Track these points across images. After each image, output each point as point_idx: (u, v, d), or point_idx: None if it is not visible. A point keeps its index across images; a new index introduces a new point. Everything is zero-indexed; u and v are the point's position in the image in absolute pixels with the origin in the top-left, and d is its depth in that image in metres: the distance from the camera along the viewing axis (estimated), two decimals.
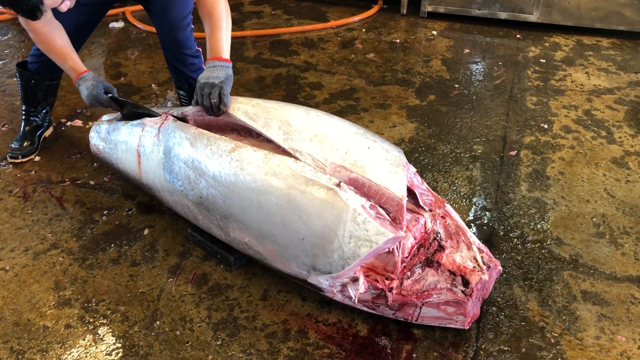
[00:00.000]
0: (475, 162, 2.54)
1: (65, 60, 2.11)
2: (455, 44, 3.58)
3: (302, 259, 1.61)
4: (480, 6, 3.77)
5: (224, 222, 1.75)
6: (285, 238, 1.61)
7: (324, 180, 1.57)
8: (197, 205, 1.81)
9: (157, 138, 1.90)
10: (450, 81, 3.18)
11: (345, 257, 1.52)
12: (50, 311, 1.84)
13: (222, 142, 1.73)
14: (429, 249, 1.68)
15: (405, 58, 3.42)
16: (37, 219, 2.20)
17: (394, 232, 1.51)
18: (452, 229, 1.73)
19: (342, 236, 1.51)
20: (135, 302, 1.87)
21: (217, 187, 1.71)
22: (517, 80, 3.18)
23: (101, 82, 2.13)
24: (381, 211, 1.56)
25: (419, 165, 2.50)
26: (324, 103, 2.95)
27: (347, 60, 3.37)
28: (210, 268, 1.99)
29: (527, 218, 2.22)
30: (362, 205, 1.53)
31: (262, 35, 3.65)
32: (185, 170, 1.79)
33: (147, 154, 1.94)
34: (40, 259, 2.03)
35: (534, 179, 2.43)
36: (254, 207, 1.63)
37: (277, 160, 1.64)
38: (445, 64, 3.35)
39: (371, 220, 1.50)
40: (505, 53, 3.48)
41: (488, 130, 2.75)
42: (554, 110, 2.90)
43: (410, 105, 2.95)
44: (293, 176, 1.59)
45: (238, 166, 1.67)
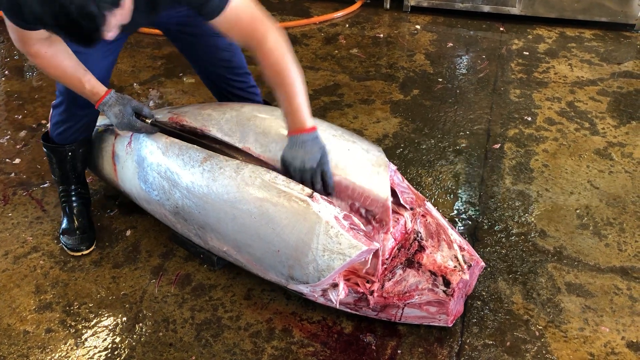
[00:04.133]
0: (459, 156, 2.53)
1: (82, 84, 1.74)
2: (438, 38, 3.58)
3: (279, 269, 1.61)
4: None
5: (202, 231, 1.74)
6: (260, 249, 1.60)
7: (296, 192, 1.55)
8: (174, 214, 1.79)
9: (130, 147, 1.87)
10: (434, 75, 3.17)
11: (320, 269, 1.52)
12: (31, 315, 1.81)
13: (194, 152, 1.71)
14: (409, 250, 1.67)
15: (389, 53, 3.41)
16: (18, 222, 2.17)
17: (367, 245, 1.50)
18: (433, 227, 1.72)
19: (315, 249, 1.50)
20: (118, 305, 1.85)
21: (191, 198, 1.69)
22: (500, 73, 3.18)
23: (129, 104, 1.78)
24: (356, 220, 1.55)
25: (403, 161, 2.50)
26: None
27: (331, 56, 3.36)
28: (194, 268, 1.97)
29: (511, 211, 2.22)
30: (335, 217, 1.51)
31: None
32: (159, 180, 1.76)
33: (121, 163, 1.91)
34: (21, 263, 2.00)
35: (518, 172, 2.43)
36: (229, 219, 1.61)
37: (248, 171, 1.61)
38: (429, 58, 3.34)
39: (344, 233, 1.49)
40: (488, 46, 3.48)
41: (472, 124, 2.75)
42: (538, 103, 2.90)
43: (394, 100, 2.94)
44: (265, 187, 1.57)
45: (210, 177, 1.64)
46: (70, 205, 2.09)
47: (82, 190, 2.13)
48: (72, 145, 2.02)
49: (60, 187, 2.11)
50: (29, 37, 1.62)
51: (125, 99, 1.79)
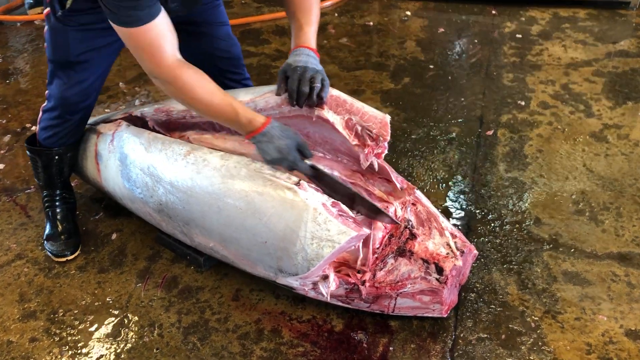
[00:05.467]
0: (452, 144, 2.48)
1: (234, 111, 1.51)
2: (429, 24, 3.51)
3: (267, 261, 1.56)
4: None
5: (187, 228, 1.69)
6: (247, 241, 1.55)
7: (283, 180, 1.50)
8: (159, 212, 1.74)
9: (112, 145, 1.83)
10: (425, 62, 3.11)
11: (309, 258, 1.47)
12: (15, 325, 1.77)
13: (177, 146, 1.66)
14: (400, 238, 1.63)
15: (379, 41, 3.35)
16: (1, 229, 2.13)
17: (357, 231, 1.45)
18: (424, 215, 1.67)
19: (303, 237, 1.45)
20: (103, 311, 1.81)
21: (175, 193, 1.64)
22: (493, 58, 3.11)
23: (294, 140, 1.53)
24: (344, 208, 1.50)
25: (394, 152, 2.44)
26: None
27: (320, 47, 3.29)
28: (181, 270, 1.93)
29: (505, 199, 2.17)
30: (323, 204, 1.46)
31: (232, 25, 3.55)
32: (142, 177, 1.72)
33: (104, 162, 1.87)
34: (5, 271, 1.96)
35: (512, 159, 2.37)
36: (214, 212, 1.57)
37: (233, 162, 1.57)
38: (420, 45, 3.28)
39: (332, 220, 1.44)
40: (480, 30, 3.41)
41: (464, 111, 2.69)
42: (531, 86, 2.84)
43: (385, 90, 2.88)
44: (250, 177, 1.52)
45: (194, 170, 1.60)
46: (54, 211, 2.05)
47: (66, 194, 2.08)
48: (59, 149, 1.97)
49: (45, 192, 2.07)
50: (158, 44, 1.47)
51: (291, 132, 1.55)
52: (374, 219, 1.60)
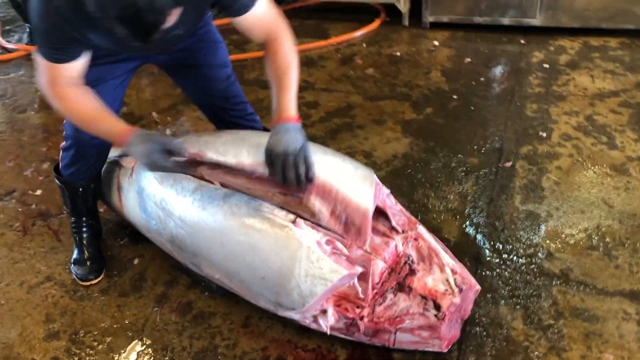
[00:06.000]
0: (469, 175, 2.50)
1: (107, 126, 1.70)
2: (456, 54, 3.54)
3: (267, 295, 1.63)
4: (482, 13, 3.71)
5: (196, 259, 1.78)
6: (248, 276, 1.63)
7: (279, 218, 1.57)
8: (171, 243, 1.84)
9: (131, 178, 1.94)
10: (449, 92, 3.14)
11: (303, 295, 1.53)
12: (39, 344, 1.89)
13: (186, 182, 1.76)
14: (400, 273, 1.66)
15: (404, 71, 3.40)
16: (34, 252, 2.27)
17: (349, 269, 1.50)
18: (425, 250, 1.70)
19: (298, 275, 1.51)
20: (121, 333, 1.91)
21: (184, 227, 1.74)
22: (518, 88, 3.12)
23: (155, 143, 1.66)
24: (339, 245, 1.55)
25: (411, 182, 2.48)
26: (319, 122, 2.96)
27: (346, 77, 3.38)
28: (195, 296, 2.01)
29: (519, 232, 2.17)
30: (317, 242, 1.53)
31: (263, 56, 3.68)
32: (156, 210, 1.82)
33: (125, 194, 1.99)
34: (34, 292, 2.09)
35: (529, 191, 2.37)
36: (218, 246, 1.66)
37: (235, 199, 1.65)
38: (445, 75, 3.31)
39: (325, 258, 1.50)
40: (507, 60, 3.42)
41: (484, 142, 2.70)
42: (554, 117, 2.83)
43: (406, 120, 2.93)
44: (250, 215, 1.60)
45: (200, 206, 1.69)
46: (81, 236, 2.17)
47: (92, 221, 2.20)
48: (83, 182, 2.09)
49: (72, 219, 2.20)
50: (60, 74, 1.65)
51: (155, 137, 1.69)
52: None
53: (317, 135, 2.84)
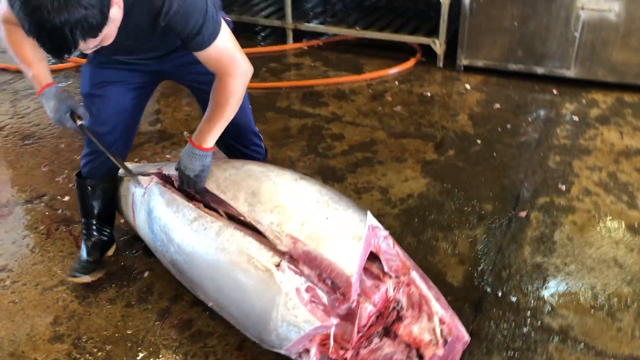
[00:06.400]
0: (482, 221, 2.50)
1: (31, 68, 1.90)
2: (486, 99, 3.56)
3: (251, 332, 1.70)
4: (517, 60, 3.73)
5: (192, 285, 1.86)
6: (235, 311, 1.71)
7: (265, 260, 1.62)
8: (172, 265, 1.93)
9: (144, 197, 2.03)
10: (474, 136, 3.15)
11: (280, 338, 1.58)
12: (44, 345, 1.98)
13: (188, 210, 1.83)
14: (387, 318, 1.68)
15: (432, 111, 3.44)
16: (53, 255, 2.38)
17: (322, 321, 1.53)
18: (416, 297, 1.71)
19: (276, 318, 1.56)
20: (121, 343, 1.98)
21: (181, 254, 1.81)
22: (544, 138, 3.11)
23: (64, 102, 1.90)
24: (319, 293, 1.59)
25: (423, 222, 2.50)
26: (342, 155, 3.02)
27: (374, 113, 3.43)
28: (197, 314, 2.07)
29: (524, 284, 2.15)
30: (296, 289, 1.56)
31: (296, 86, 3.79)
32: (160, 233, 1.91)
33: (137, 211, 2.07)
34: (47, 294, 2.19)
35: (540, 243, 2.35)
36: (208, 278, 1.73)
37: (227, 234, 1.70)
38: (472, 119, 3.33)
39: (301, 307, 1.54)
40: (537, 109, 3.42)
41: (502, 189, 2.70)
42: (577, 171, 2.81)
43: (427, 160, 2.95)
44: (239, 252, 1.65)
45: (196, 237, 1.76)
46: (87, 237, 2.28)
47: (100, 226, 2.29)
48: (92, 180, 2.22)
49: (83, 219, 2.31)
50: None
51: (63, 95, 1.91)
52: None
53: (337, 168, 2.90)
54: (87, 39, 1.43)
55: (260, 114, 3.44)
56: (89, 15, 1.38)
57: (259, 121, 3.36)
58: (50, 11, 1.34)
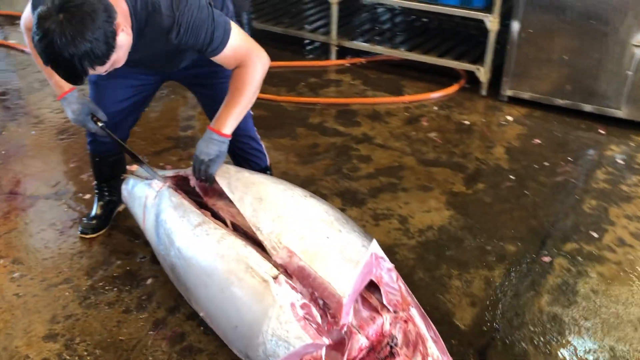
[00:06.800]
0: (501, 262, 2.37)
1: (52, 75, 2.04)
2: (527, 133, 3.41)
3: (237, 345, 1.63)
4: (564, 96, 3.56)
5: (187, 293, 1.82)
6: (223, 322, 1.64)
7: (262, 271, 1.56)
8: (172, 271, 1.89)
9: (154, 201, 2.02)
10: (507, 171, 3.02)
11: (267, 354, 1.51)
12: (37, 342, 1.98)
13: (193, 216, 1.80)
14: (379, 353, 1.60)
15: (467, 141, 3.32)
16: (64, 252, 2.40)
17: (313, 339, 1.46)
18: (412, 335, 1.62)
19: (266, 332, 1.50)
20: (111, 349, 1.96)
21: (180, 259, 1.78)
22: (582, 180, 2.94)
23: (87, 106, 2.09)
24: (314, 312, 1.52)
25: (439, 257, 2.39)
26: (366, 177, 2.94)
27: (406, 137, 3.34)
28: (191, 328, 2.03)
29: (535, 335, 2.02)
30: (291, 303, 1.50)
31: (332, 103, 3.74)
32: (164, 237, 1.88)
33: (147, 214, 2.07)
34: (50, 291, 2.20)
35: (559, 293, 2.21)
36: (202, 285, 1.68)
37: (229, 242, 1.67)
38: (508, 153, 3.19)
39: (293, 322, 1.47)
40: (579, 148, 3.24)
41: (528, 231, 2.56)
42: (612, 218, 2.64)
43: (454, 192, 2.84)
44: (237, 261, 1.61)
45: (197, 242, 1.73)
46: (98, 198, 2.52)
47: (107, 191, 2.51)
48: (98, 156, 2.44)
49: (95, 182, 2.55)
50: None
51: (85, 101, 2.09)
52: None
53: (359, 191, 2.82)
54: (95, 67, 1.60)
55: (291, 129, 3.41)
56: (94, 48, 1.55)
57: (288, 136, 3.35)
58: (60, 46, 1.51)
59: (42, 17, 1.53)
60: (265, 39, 4.84)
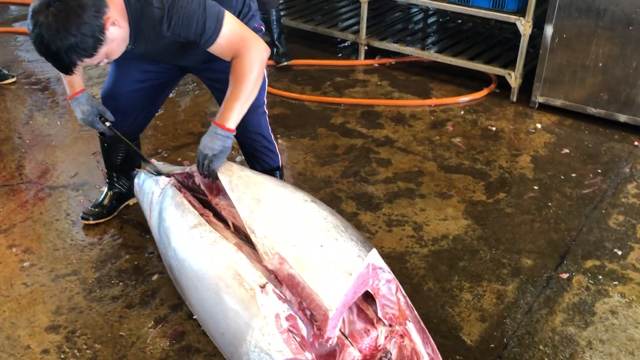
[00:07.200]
0: (516, 277, 2.28)
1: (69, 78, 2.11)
2: (556, 142, 3.28)
3: (224, 352, 1.62)
4: (598, 105, 3.41)
5: (182, 293, 1.80)
6: (212, 327, 1.63)
7: (251, 279, 1.53)
8: (170, 270, 1.88)
9: (159, 198, 2.00)
10: (531, 181, 2.91)
11: None
12: (39, 333, 2.00)
13: (190, 217, 1.78)
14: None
15: (492, 148, 3.21)
16: (74, 244, 2.42)
17: (294, 354, 1.41)
18: (407, 351, 1.57)
19: (249, 342, 1.46)
20: (110, 344, 1.96)
21: (176, 260, 1.76)
22: (610, 194, 2.81)
23: (95, 107, 2.16)
24: (300, 324, 1.47)
25: (451, 268, 2.31)
26: (383, 182, 2.87)
27: (429, 141, 3.26)
28: (191, 327, 2.01)
29: (546, 356, 1.93)
30: (276, 315, 1.46)
31: (356, 104, 3.68)
32: (164, 235, 1.87)
33: (153, 210, 2.06)
34: (57, 282, 2.22)
35: (576, 312, 2.11)
36: (193, 289, 1.66)
37: (221, 247, 1.64)
38: (534, 162, 3.08)
39: (276, 334, 1.44)
40: (611, 160, 3.10)
41: (548, 245, 2.46)
42: (639, 236, 2.51)
43: (474, 200, 2.75)
44: (227, 267, 1.58)
45: (191, 244, 1.71)
46: (110, 186, 2.55)
47: (116, 180, 2.54)
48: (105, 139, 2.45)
49: (105, 171, 2.59)
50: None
51: (94, 102, 2.16)
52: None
53: (375, 195, 2.76)
54: (83, 59, 1.66)
55: (312, 129, 3.36)
56: (79, 42, 1.60)
57: (309, 135, 3.31)
58: (47, 39, 1.59)
59: (35, 11, 1.59)
60: (295, 37, 4.86)
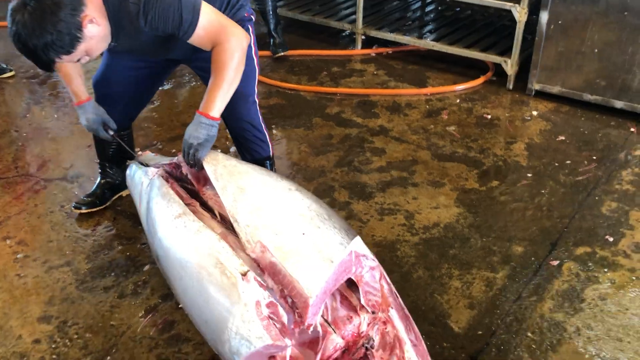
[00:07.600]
0: (506, 264, 2.28)
1: (70, 82, 2.16)
2: (551, 129, 3.27)
3: (209, 340, 1.63)
4: (595, 91, 3.39)
5: (169, 282, 1.81)
6: (196, 316, 1.63)
7: (232, 267, 1.54)
8: (157, 259, 1.89)
9: (148, 188, 2.02)
10: (525, 169, 2.90)
11: (232, 351, 1.48)
12: (32, 323, 2.02)
13: (175, 206, 1.79)
14: (354, 355, 1.55)
15: (487, 136, 3.20)
16: (69, 235, 2.44)
17: (274, 340, 1.42)
18: (390, 338, 1.57)
19: (230, 329, 1.47)
20: (101, 333, 1.98)
21: (162, 249, 1.78)
22: (604, 181, 2.80)
23: (100, 116, 2.21)
24: (280, 311, 1.48)
25: (441, 256, 2.32)
26: (377, 171, 2.88)
27: (424, 130, 3.25)
28: (181, 316, 2.03)
29: (534, 343, 1.93)
30: (256, 302, 1.47)
31: (352, 93, 3.67)
32: (151, 225, 1.88)
33: (142, 200, 2.07)
34: (51, 273, 2.24)
35: (565, 299, 2.11)
36: (177, 278, 1.67)
37: (204, 236, 1.65)
38: (529, 150, 3.07)
39: (256, 321, 1.44)
40: (606, 147, 3.09)
41: (540, 232, 2.46)
42: (632, 222, 2.50)
43: (466, 189, 2.75)
44: (209, 255, 1.59)
45: (175, 233, 1.72)
46: (102, 176, 2.59)
47: (109, 170, 2.58)
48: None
49: (98, 160, 2.62)
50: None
51: (99, 111, 2.21)
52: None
53: (368, 184, 2.77)
54: (61, 56, 1.67)
55: (307, 119, 3.37)
56: (55, 39, 1.61)
57: (304, 126, 3.32)
58: (24, 37, 1.61)
59: (12, 9, 1.61)
60: (292, 27, 4.85)
